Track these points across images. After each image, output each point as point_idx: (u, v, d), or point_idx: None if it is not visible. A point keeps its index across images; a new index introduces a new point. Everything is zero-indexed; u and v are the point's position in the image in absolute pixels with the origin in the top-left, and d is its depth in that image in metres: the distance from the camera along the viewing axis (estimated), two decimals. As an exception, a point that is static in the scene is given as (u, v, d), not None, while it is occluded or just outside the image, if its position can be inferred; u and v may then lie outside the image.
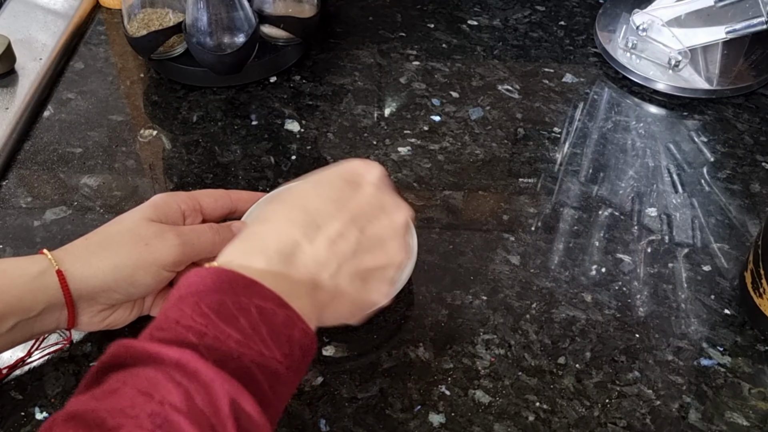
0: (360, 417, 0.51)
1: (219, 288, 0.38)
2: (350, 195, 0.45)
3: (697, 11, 0.75)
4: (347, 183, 0.46)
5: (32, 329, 0.50)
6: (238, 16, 0.73)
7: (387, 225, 0.46)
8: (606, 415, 0.51)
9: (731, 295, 0.59)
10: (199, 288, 0.38)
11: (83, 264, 0.50)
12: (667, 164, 0.70)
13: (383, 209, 0.46)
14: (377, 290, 0.46)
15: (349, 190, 0.46)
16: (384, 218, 0.46)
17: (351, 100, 0.77)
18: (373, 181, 0.47)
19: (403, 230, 0.46)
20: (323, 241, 0.43)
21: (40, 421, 0.51)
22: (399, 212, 0.47)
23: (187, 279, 0.39)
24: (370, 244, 0.44)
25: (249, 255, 0.42)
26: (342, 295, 0.43)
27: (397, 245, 0.46)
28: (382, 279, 0.46)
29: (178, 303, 0.38)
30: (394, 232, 0.46)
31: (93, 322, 0.52)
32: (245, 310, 0.38)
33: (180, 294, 0.39)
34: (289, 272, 0.41)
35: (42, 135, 0.73)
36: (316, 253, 0.42)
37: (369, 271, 0.45)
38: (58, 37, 0.82)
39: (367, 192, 0.46)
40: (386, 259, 0.45)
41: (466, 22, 0.87)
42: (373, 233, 0.45)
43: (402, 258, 0.46)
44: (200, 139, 0.72)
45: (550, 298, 0.59)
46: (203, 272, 0.39)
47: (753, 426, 0.51)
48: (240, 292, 0.38)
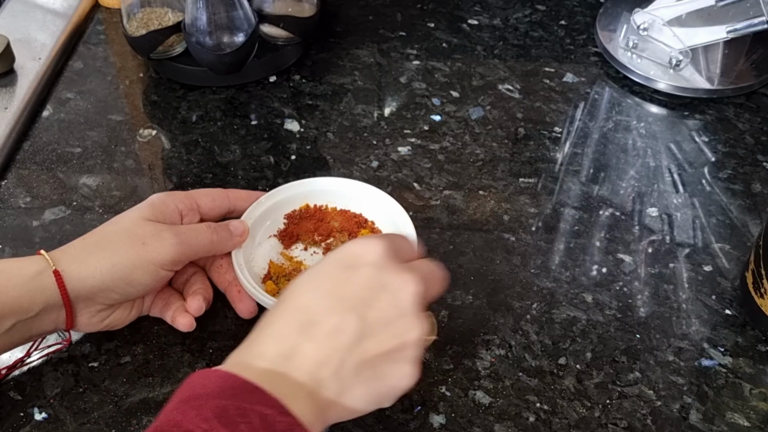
0: (360, 417, 0.51)
1: (222, 393, 0.38)
2: (346, 282, 0.43)
3: (698, 11, 0.75)
4: (343, 269, 0.43)
5: (30, 330, 0.49)
6: (237, 15, 0.73)
7: (390, 305, 0.42)
8: (607, 416, 0.51)
9: (732, 296, 0.59)
10: (203, 391, 0.38)
11: (80, 264, 0.49)
12: (668, 164, 0.70)
13: (384, 289, 0.42)
14: (396, 375, 0.42)
15: (344, 278, 0.43)
16: (385, 298, 0.42)
17: (351, 99, 0.77)
18: (372, 261, 0.43)
19: (411, 305, 0.43)
20: (320, 338, 0.41)
21: (39, 422, 0.51)
22: (404, 287, 0.43)
23: (192, 381, 0.39)
24: (373, 329, 0.41)
25: (252, 357, 0.41)
26: (351, 389, 0.41)
27: (406, 323, 0.42)
28: (399, 361, 0.42)
29: (182, 405, 0.37)
30: (399, 310, 0.42)
31: (91, 322, 0.52)
32: (247, 416, 0.37)
33: (184, 396, 0.38)
34: (289, 374, 0.40)
35: (41, 135, 0.73)
36: (314, 352, 0.41)
37: (378, 358, 0.42)
38: (57, 37, 0.82)
39: (364, 275, 0.43)
40: (396, 341, 0.42)
41: (466, 21, 0.87)
42: (374, 317, 0.42)
43: (416, 334, 0.42)
44: (200, 138, 0.72)
45: (551, 298, 0.59)
46: (208, 375, 0.39)
47: (754, 426, 0.51)
48: (243, 398, 0.37)
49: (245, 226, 0.57)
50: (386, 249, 0.44)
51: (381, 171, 0.69)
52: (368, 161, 0.70)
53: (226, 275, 0.57)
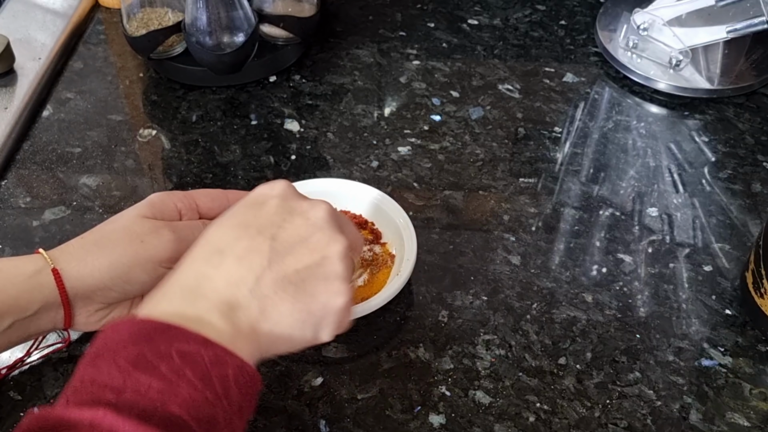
0: (360, 418, 0.51)
1: (135, 339, 0.36)
2: (254, 215, 0.42)
3: (698, 11, 0.75)
4: (249, 207, 0.43)
5: (29, 329, 0.49)
6: (237, 15, 0.73)
7: (302, 223, 0.42)
8: (607, 416, 0.51)
9: (732, 296, 0.59)
10: (114, 343, 0.36)
11: (79, 262, 0.50)
12: (668, 164, 0.70)
13: (293, 212, 0.43)
14: (326, 291, 0.42)
15: (252, 212, 0.43)
16: (296, 219, 0.42)
17: (351, 99, 0.77)
18: (277, 194, 0.43)
19: (325, 222, 0.43)
20: (230, 262, 0.40)
21: (38, 422, 0.51)
22: (315, 208, 0.43)
23: (103, 334, 0.37)
24: (287, 246, 0.41)
25: (157, 302, 0.40)
26: (275, 305, 0.40)
27: (324, 237, 0.42)
28: (326, 278, 0.41)
29: (94, 361, 0.36)
30: (313, 227, 0.42)
31: (90, 321, 0.52)
32: (165, 356, 0.35)
33: (96, 351, 0.37)
34: (200, 302, 0.39)
35: (41, 135, 0.73)
36: (225, 275, 0.40)
37: (300, 272, 0.41)
38: (57, 37, 0.82)
39: (271, 205, 0.43)
40: (315, 255, 0.41)
41: (466, 21, 0.87)
42: (287, 236, 0.41)
43: (337, 247, 0.42)
44: (199, 138, 0.72)
45: (551, 298, 0.59)
46: (118, 325, 0.37)
47: (754, 426, 0.51)
48: (158, 340, 0.36)
49: None
50: (289, 185, 0.44)
51: (381, 171, 0.69)
52: (368, 161, 0.70)
53: None
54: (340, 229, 0.44)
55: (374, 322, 0.56)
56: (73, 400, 0.35)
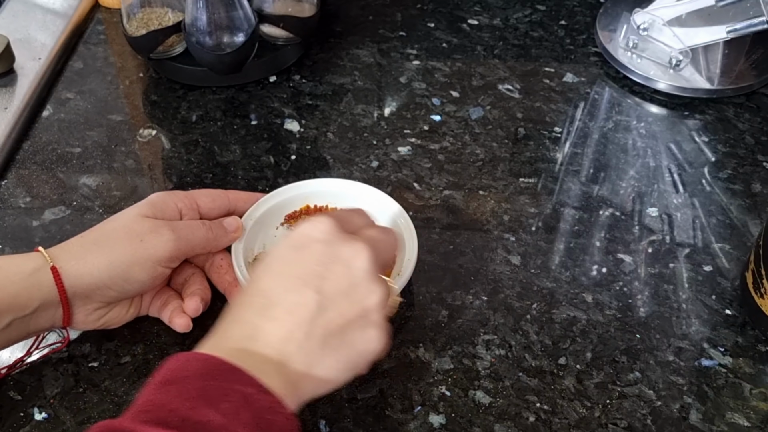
0: (360, 418, 0.51)
1: (202, 374, 0.38)
2: (298, 261, 0.44)
3: (698, 11, 0.75)
4: (294, 250, 0.44)
5: (28, 327, 0.49)
6: (237, 15, 0.73)
7: (344, 275, 0.43)
8: (607, 416, 0.51)
9: (732, 296, 0.59)
10: (183, 374, 0.39)
11: (78, 261, 0.50)
12: (668, 164, 0.70)
13: (337, 260, 0.44)
14: (364, 340, 0.43)
15: (296, 257, 0.44)
16: (339, 269, 0.43)
17: (351, 99, 0.77)
18: (320, 237, 0.44)
19: (365, 272, 0.44)
20: (281, 316, 0.42)
21: (39, 422, 0.51)
22: (355, 255, 0.44)
23: (171, 364, 0.39)
24: (332, 300, 0.43)
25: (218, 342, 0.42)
26: (321, 360, 0.42)
27: (363, 289, 0.43)
28: (364, 327, 0.43)
29: (163, 386, 0.38)
30: (354, 278, 0.43)
31: (89, 320, 0.52)
32: (228, 394, 0.38)
33: (165, 378, 0.39)
34: (256, 353, 0.41)
35: (41, 135, 0.73)
36: (277, 329, 0.42)
37: (342, 327, 0.43)
38: (57, 37, 0.82)
39: (315, 251, 0.44)
40: (357, 307, 0.43)
41: (466, 21, 0.87)
42: (331, 289, 0.43)
43: (375, 298, 0.44)
44: (199, 138, 0.72)
45: (551, 298, 0.59)
46: (187, 357, 0.40)
47: (754, 426, 0.51)
48: (222, 378, 0.38)
49: (238, 223, 0.57)
50: (332, 224, 0.45)
51: (381, 171, 0.69)
52: (368, 161, 0.70)
53: (226, 276, 0.57)
54: (378, 279, 0.45)
55: (374, 322, 0.56)
56: (143, 419, 0.37)
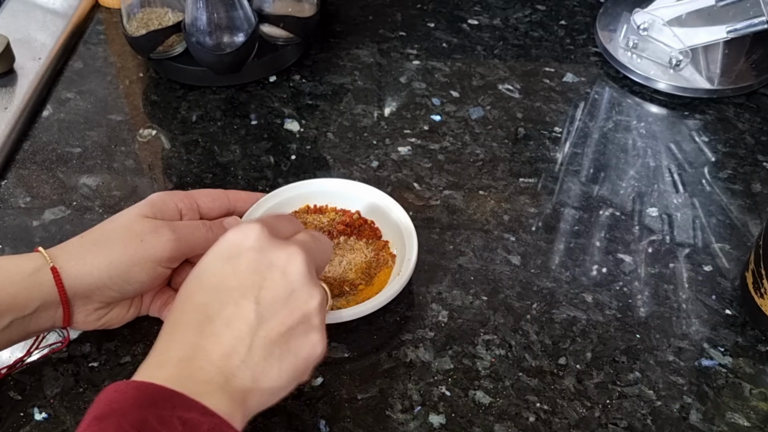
0: (360, 418, 0.51)
1: (140, 404, 0.37)
2: (231, 272, 0.43)
3: (698, 11, 0.75)
4: (226, 261, 0.43)
5: (28, 327, 0.49)
6: (237, 15, 0.73)
7: (281, 281, 0.43)
8: (607, 416, 0.51)
9: (732, 296, 0.59)
10: (118, 406, 0.37)
11: (78, 261, 0.50)
12: (668, 164, 0.70)
13: (271, 267, 0.43)
14: (307, 346, 0.43)
15: (229, 268, 0.43)
16: (275, 276, 0.43)
17: (351, 99, 0.77)
18: (251, 245, 0.44)
19: (302, 276, 0.43)
20: (220, 331, 0.41)
21: (39, 422, 0.51)
22: (290, 260, 0.43)
23: (107, 395, 0.38)
24: (271, 309, 0.42)
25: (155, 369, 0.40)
26: (265, 372, 0.41)
27: (303, 294, 0.43)
28: (305, 333, 0.43)
29: (99, 422, 0.36)
30: (292, 284, 0.43)
31: (88, 320, 0.52)
32: (168, 423, 0.36)
33: (100, 412, 0.37)
34: (197, 374, 0.40)
35: (41, 135, 0.73)
36: (217, 346, 0.41)
37: (284, 335, 0.42)
38: (57, 37, 0.82)
39: (247, 259, 0.43)
40: (297, 314, 0.43)
41: (466, 21, 0.87)
42: (269, 297, 0.42)
43: (315, 302, 0.43)
44: (199, 138, 0.72)
45: (551, 298, 0.59)
46: (122, 386, 0.38)
47: (754, 426, 0.51)
48: (162, 406, 0.37)
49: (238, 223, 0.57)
50: (262, 230, 0.44)
51: (381, 171, 0.69)
52: (368, 161, 0.70)
53: None
54: (316, 281, 0.44)
55: (374, 322, 0.56)
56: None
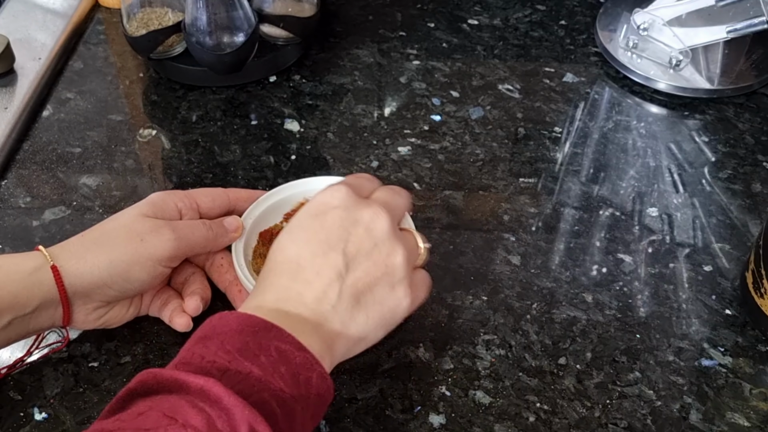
0: (360, 418, 0.51)
1: (241, 330, 0.40)
2: (320, 228, 0.46)
3: (698, 11, 0.75)
4: (315, 218, 0.46)
5: (28, 326, 0.49)
6: (237, 15, 0.73)
7: (366, 236, 0.46)
8: (607, 416, 0.51)
9: (732, 296, 0.59)
10: (223, 329, 0.40)
11: (78, 260, 0.50)
12: (668, 164, 0.70)
13: (357, 223, 0.46)
14: (394, 297, 0.46)
15: (318, 224, 0.46)
16: (360, 232, 0.46)
17: (351, 99, 0.77)
18: (338, 204, 0.47)
19: (385, 232, 0.46)
20: (311, 279, 0.44)
21: (39, 422, 0.51)
22: (374, 217, 0.46)
23: (211, 321, 0.41)
24: (357, 260, 0.45)
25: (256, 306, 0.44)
26: (354, 318, 0.44)
27: (386, 249, 0.46)
28: (391, 285, 0.46)
29: (203, 341, 0.40)
30: (375, 239, 0.46)
31: (88, 320, 0.52)
32: (266, 349, 0.40)
33: (204, 334, 0.41)
34: (292, 313, 0.43)
35: (41, 135, 0.73)
36: (310, 291, 0.44)
37: (370, 285, 0.45)
38: (57, 37, 0.82)
39: (335, 217, 0.46)
40: (382, 266, 0.45)
41: (466, 21, 0.87)
42: (354, 250, 0.45)
43: (399, 257, 0.46)
44: (199, 138, 0.72)
45: (551, 298, 0.59)
46: (226, 316, 0.41)
47: (754, 426, 0.51)
48: (261, 335, 0.40)
49: (239, 222, 0.57)
50: (348, 191, 0.47)
51: (381, 171, 0.69)
52: (368, 161, 0.70)
53: (226, 275, 0.57)
54: (399, 237, 0.47)
55: (374, 322, 0.56)
56: (184, 369, 0.39)
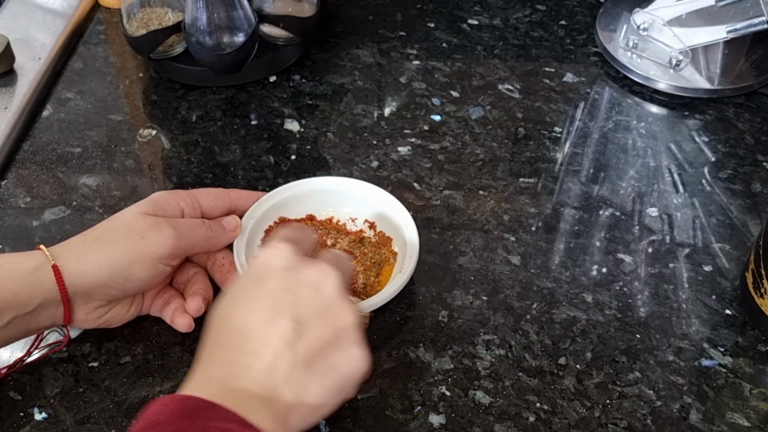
0: (360, 418, 0.51)
1: (180, 415, 0.38)
2: (264, 292, 0.43)
3: (698, 11, 0.75)
4: (258, 282, 0.44)
5: (28, 325, 0.50)
6: (237, 15, 0.73)
7: (315, 298, 0.43)
8: (607, 416, 0.51)
9: (732, 296, 0.59)
10: (162, 417, 0.38)
11: (79, 259, 0.50)
12: (668, 164, 0.70)
13: (304, 284, 0.43)
14: (347, 361, 0.43)
15: (262, 289, 0.43)
16: (308, 293, 0.43)
17: (351, 99, 0.77)
18: (282, 264, 0.44)
19: (335, 292, 0.44)
20: (260, 349, 0.41)
21: (39, 422, 0.51)
22: (323, 278, 0.44)
23: (150, 409, 0.39)
24: (307, 324, 0.42)
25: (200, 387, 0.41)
26: (307, 387, 0.41)
27: (336, 310, 0.43)
28: (344, 348, 0.43)
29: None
30: (325, 300, 0.43)
31: (89, 319, 0.52)
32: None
33: (143, 425, 0.38)
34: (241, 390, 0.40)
35: (41, 135, 0.73)
36: (259, 363, 0.41)
37: (322, 350, 0.42)
38: (57, 37, 0.82)
39: (280, 278, 0.44)
40: (333, 328, 0.43)
41: (466, 21, 0.87)
42: (304, 314, 0.42)
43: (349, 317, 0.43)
44: (199, 138, 0.72)
45: (551, 298, 0.59)
46: (164, 401, 0.39)
47: (754, 426, 0.51)
48: (201, 416, 0.37)
49: (237, 222, 0.57)
50: (289, 249, 0.45)
51: (381, 171, 0.69)
52: (368, 161, 0.70)
53: (228, 274, 0.57)
54: (347, 298, 0.44)
55: (374, 322, 0.56)
56: None
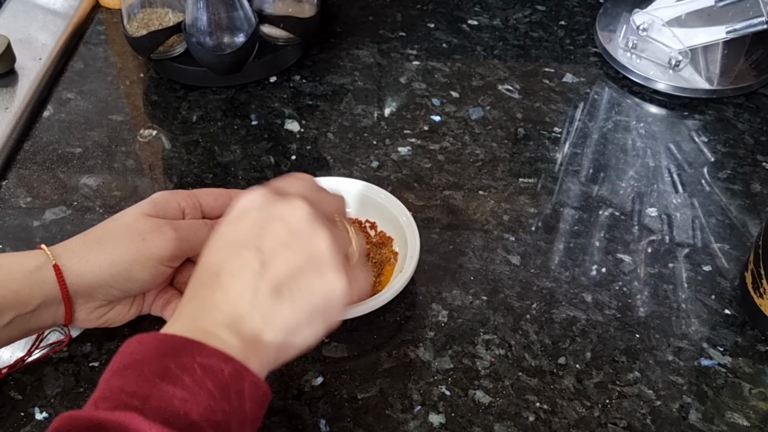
0: (360, 417, 0.51)
1: (161, 353, 0.38)
2: (235, 230, 0.43)
3: (698, 11, 0.75)
4: (230, 224, 0.44)
5: (29, 324, 0.50)
6: (237, 15, 0.73)
7: (282, 228, 0.43)
8: (606, 416, 0.51)
9: (732, 295, 0.59)
10: (141, 355, 0.38)
11: (80, 259, 0.50)
12: (667, 164, 0.70)
13: (273, 218, 0.43)
14: (322, 285, 0.42)
15: (234, 228, 0.44)
16: (276, 226, 0.43)
17: (351, 99, 0.77)
18: (254, 206, 0.44)
19: (305, 221, 0.43)
20: (226, 281, 0.41)
21: (39, 422, 0.51)
22: (294, 211, 0.43)
23: (129, 346, 0.39)
24: (273, 252, 0.42)
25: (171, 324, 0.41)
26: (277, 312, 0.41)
27: (305, 236, 0.43)
28: (319, 272, 0.42)
29: (121, 371, 0.38)
30: (293, 228, 0.43)
31: (90, 318, 0.52)
32: (189, 369, 0.37)
33: (123, 362, 0.38)
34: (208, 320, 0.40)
35: (41, 135, 0.73)
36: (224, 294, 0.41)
37: (291, 275, 0.42)
38: (57, 37, 0.82)
39: (250, 217, 0.44)
40: (301, 253, 0.42)
41: (466, 21, 0.87)
42: (270, 244, 0.42)
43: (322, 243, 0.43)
44: (200, 138, 0.72)
45: (551, 298, 0.59)
46: (144, 338, 0.39)
47: (753, 426, 0.51)
48: (182, 354, 0.38)
49: None
50: (265, 192, 0.45)
51: (381, 171, 0.69)
52: (368, 161, 0.70)
53: None
54: (322, 224, 0.44)
55: (374, 322, 0.56)
56: (102, 406, 0.37)
